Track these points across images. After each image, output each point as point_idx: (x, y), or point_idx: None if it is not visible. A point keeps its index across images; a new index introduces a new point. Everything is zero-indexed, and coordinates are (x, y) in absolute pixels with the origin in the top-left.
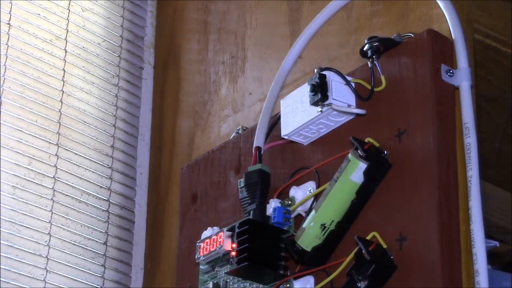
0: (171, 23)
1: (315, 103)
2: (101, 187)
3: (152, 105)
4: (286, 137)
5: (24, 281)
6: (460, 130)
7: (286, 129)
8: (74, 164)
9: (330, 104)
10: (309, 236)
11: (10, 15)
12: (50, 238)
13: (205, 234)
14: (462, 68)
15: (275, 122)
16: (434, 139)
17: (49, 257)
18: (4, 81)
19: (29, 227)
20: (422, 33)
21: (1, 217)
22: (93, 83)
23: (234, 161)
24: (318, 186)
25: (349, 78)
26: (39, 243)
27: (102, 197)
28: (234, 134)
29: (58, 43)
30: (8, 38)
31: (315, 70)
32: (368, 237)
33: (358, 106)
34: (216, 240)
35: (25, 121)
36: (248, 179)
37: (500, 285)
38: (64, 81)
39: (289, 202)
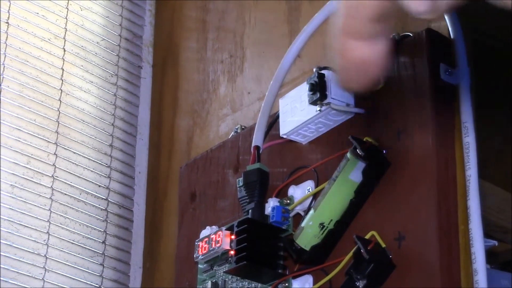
0: (170, 21)
1: (313, 102)
2: (99, 186)
3: (150, 104)
4: (284, 136)
5: (23, 280)
6: (459, 130)
7: (285, 128)
8: (73, 163)
9: (329, 103)
10: (308, 235)
11: (9, 14)
12: (48, 237)
13: (204, 233)
14: (461, 67)
15: (273, 121)
16: (433, 138)
17: (47, 256)
18: (2, 80)
19: (27, 226)
20: (421, 33)
21: (0, 216)
22: (91, 82)
23: (232, 160)
24: (317, 185)
25: None
26: (37, 242)
27: (101, 196)
28: (232, 133)
29: (56, 42)
30: (7, 37)
31: (314, 69)
32: (367, 236)
33: (357, 105)
34: (215, 239)
35: (23, 120)
36: (247, 178)
37: (499, 285)
38: (62, 80)
39: (288, 201)
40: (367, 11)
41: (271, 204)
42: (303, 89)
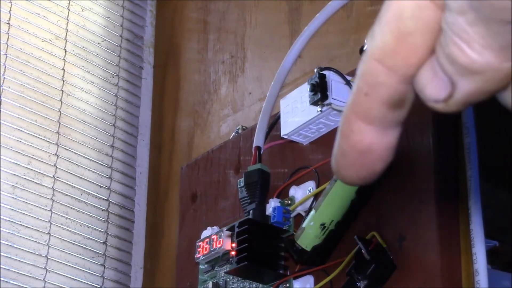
0: (171, 22)
1: (314, 103)
2: (100, 186)
3: (151, 105)
4: (285, 137)
5: (24, 280)
6: (460, 130)
7: (286, 128)
8: (74, 163)
9: (330, 104)
10: (309, 236)
11: (10, 15)
12: (49, 238)
13: (205, 233)
14: None
15: (274, 122)
16: (434, 138)
17: (48, 257)
18: (4, 80)
19: (28, 227)
20: None
21: (1, 216)
22: (92, 82)
23: (233, 160)
24: (317, 186)
25: (349, 78)
26: (38, 242)
27: (102, 196)
28: (233, 133)
29: (58, 42)
30: (8, 38)
31: (315, 70)
32: (368, 237)
33: None
34: (216, 239)
35: (25, 120)
36: (248, 178)
37: (500, 285)
38: (63, 81)
39: (289, 202)
40: (385, 92)
41: (272, 204)
42: (304, 90)
